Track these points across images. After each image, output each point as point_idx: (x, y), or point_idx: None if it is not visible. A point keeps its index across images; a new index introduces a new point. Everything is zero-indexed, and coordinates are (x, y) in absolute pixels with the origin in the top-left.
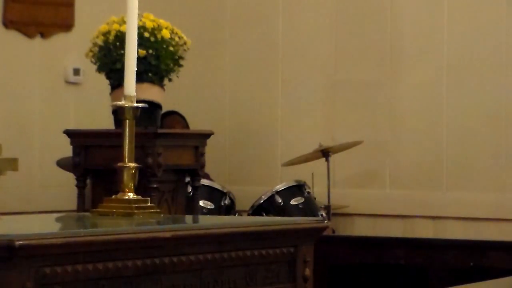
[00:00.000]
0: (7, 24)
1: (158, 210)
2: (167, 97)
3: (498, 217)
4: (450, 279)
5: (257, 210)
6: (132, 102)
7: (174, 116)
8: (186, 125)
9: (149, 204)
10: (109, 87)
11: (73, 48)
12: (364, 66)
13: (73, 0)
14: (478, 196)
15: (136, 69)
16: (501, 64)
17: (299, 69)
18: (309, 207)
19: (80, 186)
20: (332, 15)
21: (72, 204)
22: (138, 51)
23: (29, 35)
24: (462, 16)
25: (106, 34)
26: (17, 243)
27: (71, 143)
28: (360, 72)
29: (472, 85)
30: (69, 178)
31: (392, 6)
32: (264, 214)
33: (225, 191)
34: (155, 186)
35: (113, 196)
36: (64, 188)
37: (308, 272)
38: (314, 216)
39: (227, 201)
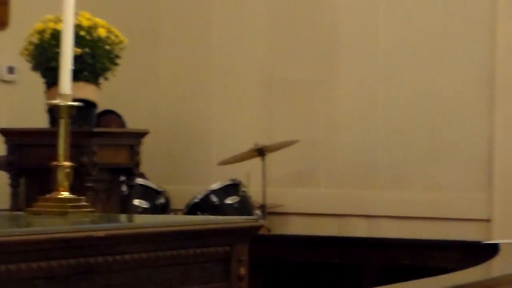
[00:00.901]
0: None
1: (92, 209)
2: (103, 96)
3: (432, 216)
4: (384, 278)
5: (192, 209)
6: (67, 100)
7: (110, 115)
8: (122, 124)
9: (83, 203)
10: (44, 85)
11: (8, 46)
12: (301, 65)
13: None
14: (412, 195)
15: (72, 67)
16: (436, 64)
17: (235, 68)
18: (244, 206)
19: (14, 185)
20: (269, 13)
21: (6, 203)
22: (73, 49)
23: None
24: (398, 15)
25: (41, 32)
26: None
27: (5, 142)
28: (296, 71)
29: (407, 85)
30: (3, 177)
31: (329, 5)
32: (199, 213)
33: (160, 190)
34: (90, 185)
35: (48, 195)
36: None
37: (243, 271)
38: (249, 215)
39: (162, 200)
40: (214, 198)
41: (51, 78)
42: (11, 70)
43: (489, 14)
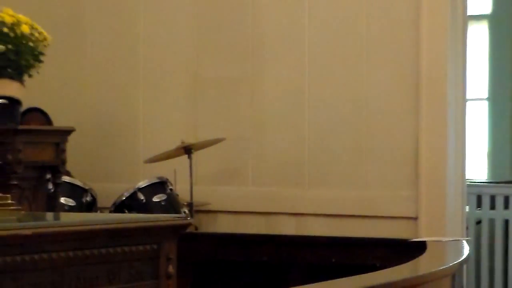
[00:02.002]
0: None
1: (18, 207)
2: (29, 93)
3: (359, 214)
4: (312, 276)
5: (119, 207)
6: None
7: (35, 113)
8: (48, 122)
9: (9, 201)
10: None
11: None
12: (227, 63)
13: None
14: (340, 193)
15: None
16: (361, 60)
17: (161, 65)
18: (171, 204)
19: None
20: (194, 10)
21: None
22: None
23: None
24: (323, 10)
25: None
26: None
27: None
28: (222, 69)
29: (333, 82)
30: None
31: (253, 2)
32: (126, 211)
33: (86, 188)
34: (15, 183)
35: None
36: None
37: (171, 269)
38: (176, 213)
39: (88, 198)
40: (141, 196)
41: None
42: None
43: (414, 10)
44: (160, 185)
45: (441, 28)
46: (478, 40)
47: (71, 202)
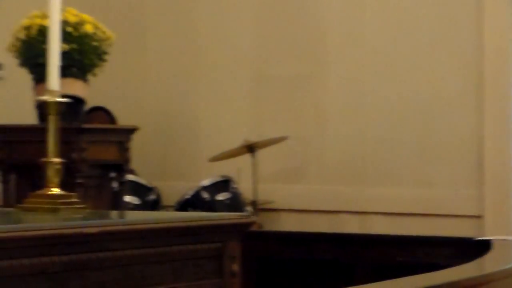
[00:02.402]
0: None
1: (83, 205)
2: (93, 92)
3: (422, 212)
4: (377, 275)
5: (183, 205)
6: (55, 97)
7: (99, 112)
8: (112, 121)
9: (74, 199)
10: (32, 81)
11: None
12: (289, 61)
13: None
14: (402, 191)
15: (60, 63)
16: (425, 60)
17: (224, 63)
18: (235, 203)
19: (4, 181)
20: (256, 8)
21: None
22: (61, 46)
23: None
24: (385, 8)
25: (28, 28)
26: None
27: None
28: (285, 67)
29: (396, 80)
30: None
31: (316, 0)
32: (190, 210)
33: (151, 186)
34: (80, 181)
35: (38, 192)
36: None
37: (235, 267)
38: (240, 211)
39: (153, 197)
40: (205, 195)
41: (39, 74)
42: None
43: (476, 8)
44: (224, 184)
45: (503, 25)
46: None
47: (135, 200)
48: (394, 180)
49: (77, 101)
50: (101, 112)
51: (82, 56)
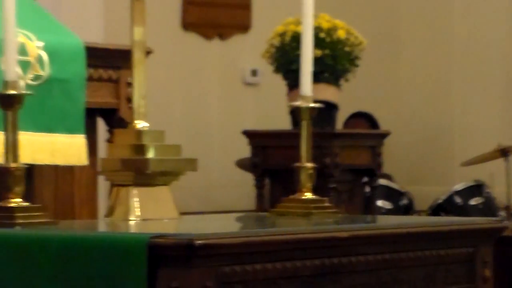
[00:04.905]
0: (186, 26)
1: (335, 210)
2: (344, 97)
3: None
4: None
5: (436, 210)
6: (308, 102)
7: (359, 118)
8: (374, 127)
9: (326, 204)
10: (286, 87)
11: (250, 49)
12: None
13: (250, 1)
14: None
15: (312, 69)
16: None
17: (476, 67)
18: (488, 208)
19: (259, 186)
20: (510, 4)
21: (251, 204)
22: (314, 51)
23: (208, 36)
24: None
25: (282, 35)
26: (197, 242)
27: (250, 144)
28: None
29: None
30: (248, 178)
31: None
32: (443, 214)
33: (403, 191)
34: (333, 186)
35: (291, 196)
36: (243, 188)
37: (487, 273)
38: (493, 216)
39: (405, 201)
40: (458, 199)
41: (292, 80)
42: (254, 72)
43: None
44: (477, 188)
45: None
46: None
47: (387, 205)
48: None
49: (330, 107)
50: (361, 118)
51: (334, 61)
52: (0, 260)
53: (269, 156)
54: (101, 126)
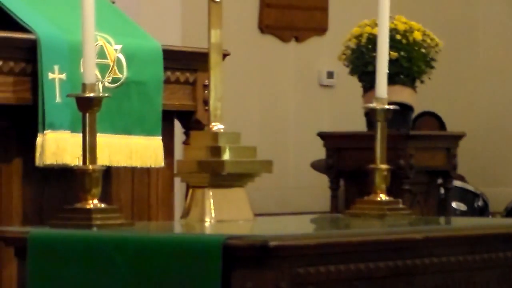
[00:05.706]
0: (263, 29)
1: (410, 212)
2: (419, 99)
3: None
4: None
5: (511, 211)
6: (383, 104)
7: (427, 118)
8: (441, 127)
9: (401, 205)
10: (361, 89)
11: (327, 51)
12: None
13: (326, 4)
14: None
15: (388, 71)
16: None
17: None
18: None
19: (333, 187)
20: None
21: (326, 205)
22: (389, 53)
23: (284, 39)
24: None
25: (358, 37)
26: (272, 243)
27: (325, 145)
28: None
29: None
30: (323, 180)
31: None
32: None
33: (478, 192)
34: (407, 188)
35: (366, 198)
36: (318, 189)
37: None
38: None
39: (480, 203)
40: None
41: (368, 82)
42: (330, 74)
43: None
44: None
45: None
46: None
47: (462, 206)
48: None
49: (405, 108)
50: (430, 118)
51: (410, 63)
52: (77, 261)
53: (344, 158)
54: (178, 128)
